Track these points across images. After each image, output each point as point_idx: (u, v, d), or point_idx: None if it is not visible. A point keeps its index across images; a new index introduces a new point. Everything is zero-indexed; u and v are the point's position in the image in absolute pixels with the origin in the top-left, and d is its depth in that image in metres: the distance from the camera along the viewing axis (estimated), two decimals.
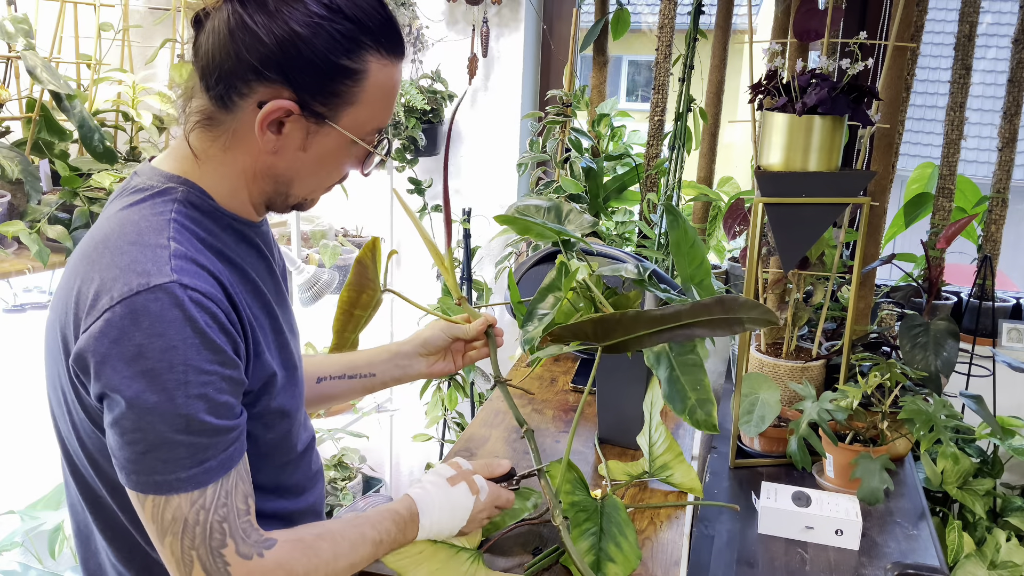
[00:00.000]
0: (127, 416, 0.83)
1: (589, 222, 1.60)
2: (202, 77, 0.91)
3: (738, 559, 1.41)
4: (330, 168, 0.97)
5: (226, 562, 0.86)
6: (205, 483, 0.86)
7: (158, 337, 0.82)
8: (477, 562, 1.09)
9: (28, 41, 1.66)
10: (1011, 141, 2.25)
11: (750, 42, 1.88)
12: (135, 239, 0.87)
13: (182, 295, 0.84)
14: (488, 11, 2.54)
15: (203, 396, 0.84)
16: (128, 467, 0.85)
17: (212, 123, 0.92)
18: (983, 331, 2.22)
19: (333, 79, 0.89)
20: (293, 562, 0.90)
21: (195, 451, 0.84)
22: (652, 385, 1.36)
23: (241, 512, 0.88)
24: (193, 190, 0.93)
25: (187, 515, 0.85)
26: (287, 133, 0.91)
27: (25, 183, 1.66)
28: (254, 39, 0.86)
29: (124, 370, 0.82)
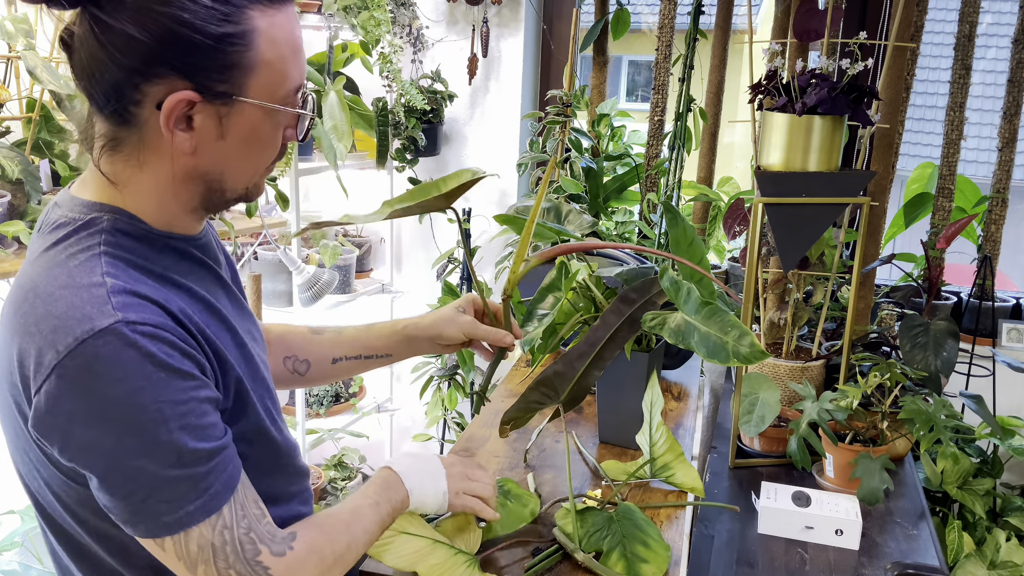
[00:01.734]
0: (114, 471, 0.79)
1: (589, 222, 1.60)
2: (92, 101, 0.84)
3: (738, 559, 1.41)
4: (259, 147, 0.89)
5: (265, 567, 0.87)
6: (218, 506, 0.83)
7: (119, 383, 0.77)
8: (474, 566, 1.09)
9: (28, 41, 1.66)
10: (1011, 141, 2.25)
11: (750, 42, 1.88)
12: (66, 282, 0.80)
13: (132, 333, 0.78)
14: (488, 11, 2.54)
15: (186, 426, 0.80)
16: (133, 519, 0.82)
17: (118, 143, 0.86)
18: (983, 331, 2.22)
19: (222, 51, 0.81)
20: (320, 545, 0.92)
21: (196, 480, 0.82)
22: (652, 385, 1.35)
23: (259, 517, 0.88)
24: (120, 216, 0.86)
25: (213, 540, 0.83)
26: (199, 126, 0.84)
27: (25, 183, 1.66)
28: (126, 39, 0.79)
29: (95, 427, 0.77)
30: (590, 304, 1.44)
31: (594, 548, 1.15)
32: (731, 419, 1.69)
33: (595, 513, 1.21)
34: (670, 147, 2.31)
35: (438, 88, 2.57)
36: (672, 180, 2.30)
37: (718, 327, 1.15)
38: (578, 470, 1.43)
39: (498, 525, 1.20)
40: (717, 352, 1.13)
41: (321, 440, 2.75)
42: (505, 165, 2.65)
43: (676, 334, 1.17)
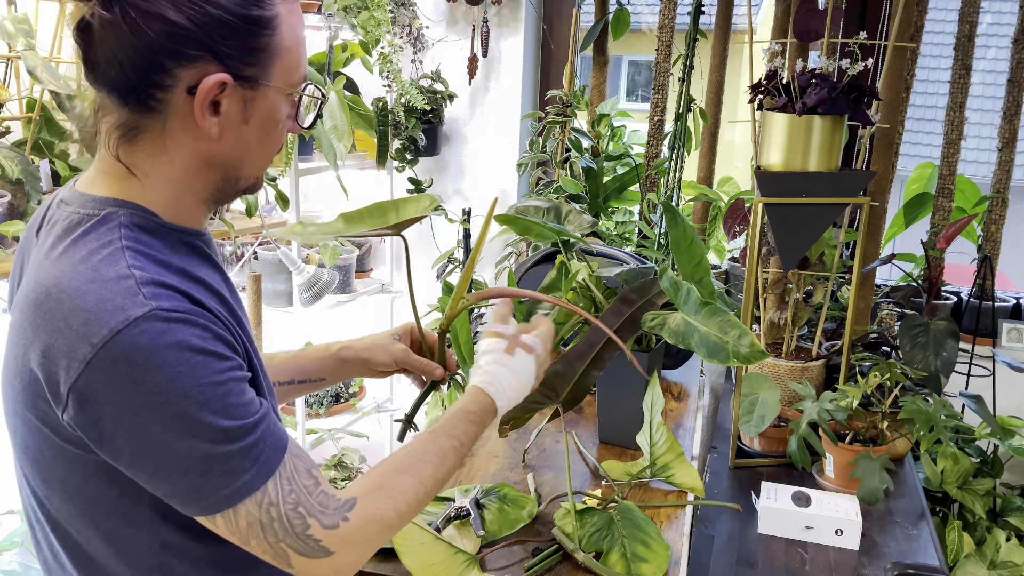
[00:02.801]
0: (165, 456, 0.80)
1: (589, 222, 1.60)
2: (112, 90, 0.84)
3: (738, 559, 1.41)
4: (273, 134, 0.92)
5: (316, 539, 0.86)
6: (272, 469, 0.85)
7: (159, 370, 0.78)
8: (473, 566, 1.09)
9: (28, 41, 1.66)
10: (1011, 141, 2.25)
11: (750, 42, 1.88)
12: (92, 276, 0.81)
13: (166, 321, 0.79)
14: (488, 11, 2.54)
15: (228, 405, 0.82)
16: (194, 497, 0.82)
17: (137, 132, 0.86)
18: (983, 331, 2.22)
19: (253, 34, 0.85)
20: (381, 511, 0.90)
21: (247, 450, 0.83)
22: (652, 385, 1.35)
23: (311, 488, 0.87)
24: (135, 211, 0.87)
25: (260, 517, 0.84)
26: (226, 111, 0.86)
27: (25, 183, 1.66)
28: (162, 23, 0.80)
29: (140, 416, 0.79)
30: (590, 304, 1.44)
31: (594, 548, 1.15)
32: (731, 419, 1.69)
33: (595, 513, 1.21)
34: (670, 147, 2.31)
35: (438, 88, 2.57)
36: (672, 180, 2.30)
37: (718, 327, 1.15)
38: (578, 470, 1.43)
39: (496, 528, 1.20)
40: (717, 352, 1.13)
41: (321, 440, 2.75)
42: (505, 165, 2.65)
43: (676, 334, 1.17)
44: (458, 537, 1.17)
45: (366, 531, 0.89)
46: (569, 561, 1.15)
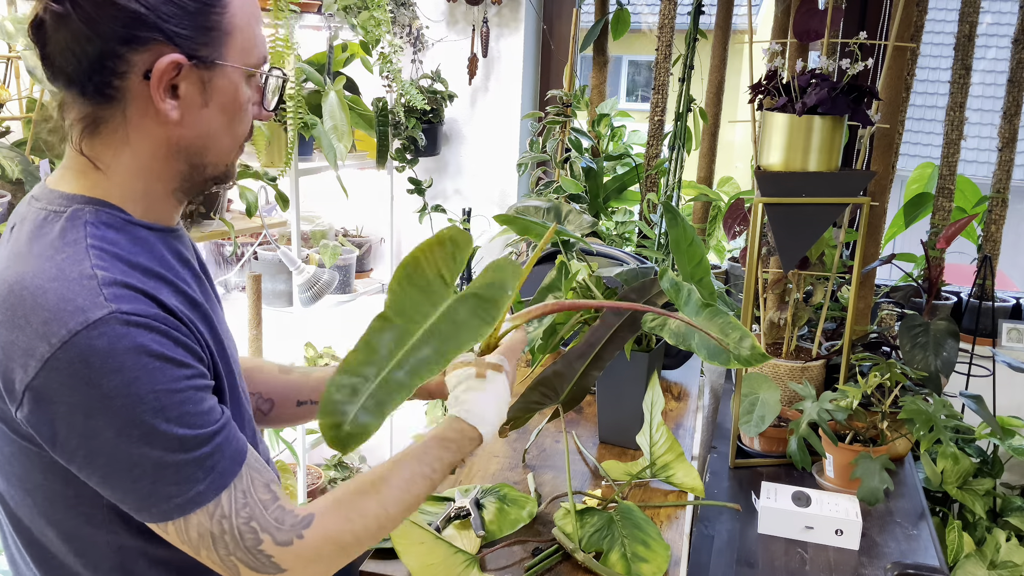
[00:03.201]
0: (117, 462, 0.79)
1: (589, 222, 1.60)
2: (70, 83, 0.85)
3: (738, 559, 1.41)
4: (236, 116, 0.91)
5: (268, 555, 0.85)
6: (227, 482, 0.84)
7: (116, 374, 0.77)
8: (473, 566, 1.09)
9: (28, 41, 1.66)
10: (1011, 141, 2.25)
11: (750, 42, 1.88)
12: (55, 275, 0.80)
13: (126, 324, 0.78)
14: (488, 11, 2.54)
15: (184, 414, 0.81)
16: (141, 504, 0.82)
17: (98, 123, 0.86)
18: (983, 331, 2.22)
19: (203, 13, 0.85)
20: (337, 532, 0.87)
21: (201, 460, 0.82)
22: (652, 385, 1.35)
23: (267, 503, 0.86)
24: (102, 208, 0.86)
25: (211, 529, 0.83)
26: (184, 93, 0.86)
27: (25, 183, 1.66)
28: (111, 9, 0.81)
29: (94, 419, 0.78)
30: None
31: (594, 548, 1.15)
32: (731, 419, 1.69)
33: (595, 513, 1.21)
34: (670, 147, 2.31)
35: (438, 88, 2.57)
36: (672, 180, 2.30)
37: (719, 329, 1.15)
38: (578, 470, 1.43)
39: (496, 528, 1.20)
40: (718, 354, 1.13)
41: (321, 440, 2.75)
42: (505, 165, 2.65)
43: (677, 335, 1.17)
44: (458, 537, 1.17)
45: (321, 551, 0.86)
46: (569, 561, 1.15)
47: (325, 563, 0.87)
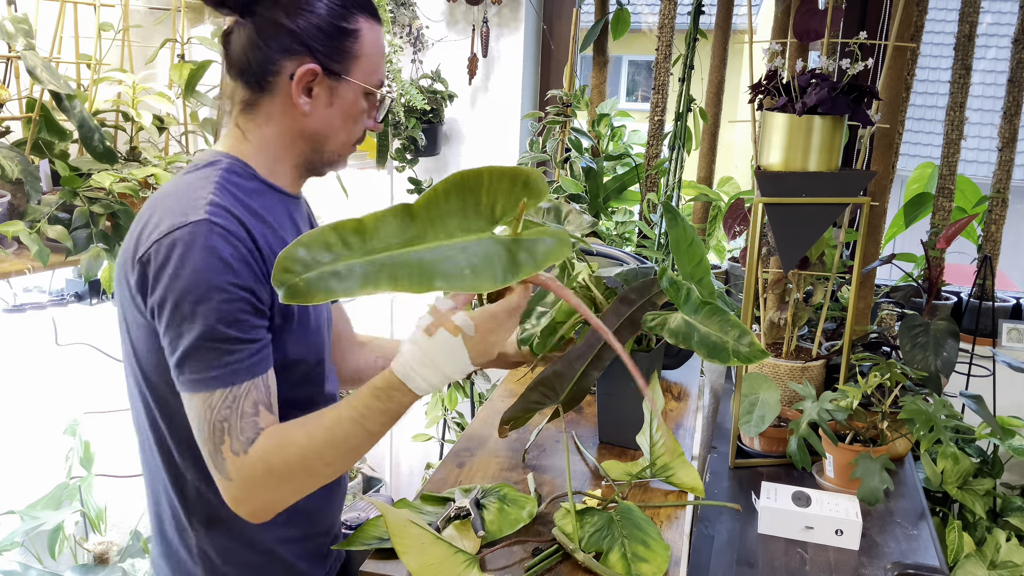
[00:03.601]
0: (170, 325, 1.03)
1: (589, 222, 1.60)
2: (240, 75, 1.14)
3: (738, 559, 1.41)
4: (351, 121, 1.18)
5: (223, 457, 1.02)
6: (235, 381, 1.02)
7: (187, 261, 1.02)
8: (473, 566, 1.09)
9: (28, 41, 1.66)
10: (1011, 141, 2.25)
11: (750, 42, 1.88)
12: (184, 193, 1.08)
13: (209, 229, 1.03)
14: (488, 11, 2.54)
15: (222, 311, 1.02)
16: (175, 366, 1.03)
17: (252, 106, 1.16)
18: (983, 331, 2.22)
19: (339, 39, 1.13)
20: (268, 454, 1.02)
21: (220, 355, 1.02)
22: (652, 384, 1.35)
23: (245, 414, 1.03)
24: (236, 162, 1.15)
25: (202, 413, 1.02)
26: (316, 94, 1.14)
27: (25, 183, 1.66)
28: (277, 28, 1.11)
29: (166, 287, 1.02)
30: (590, 304, 1.44)
31: (594, 548, 1.15)
32: (731, 419, 1.69)
33: (595, 513, 1.21)
34: (670, 147, 2.30)
35: (438, 88, 2.57)
36: (672, 180, 2.30)
37: (718, 327, 1.15)
38: (578, 470, 1.43)
39: (496, 528, 1.20)
40: (718, 352, 1.13)
41: None
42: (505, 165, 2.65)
43: (676, 334, 1.17)
44: (458, 537, 1.17)
45: (254, 469, 1.02)
46: (569, 561, 1.15)
47: (258, 484, 1.02)
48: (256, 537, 1.17)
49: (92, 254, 1.74)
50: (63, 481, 2.21)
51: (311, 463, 1.03)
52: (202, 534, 1.16)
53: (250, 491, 1.02)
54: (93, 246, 1.74)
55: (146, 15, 2.23)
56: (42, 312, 2.13)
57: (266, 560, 1.19)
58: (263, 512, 1.04)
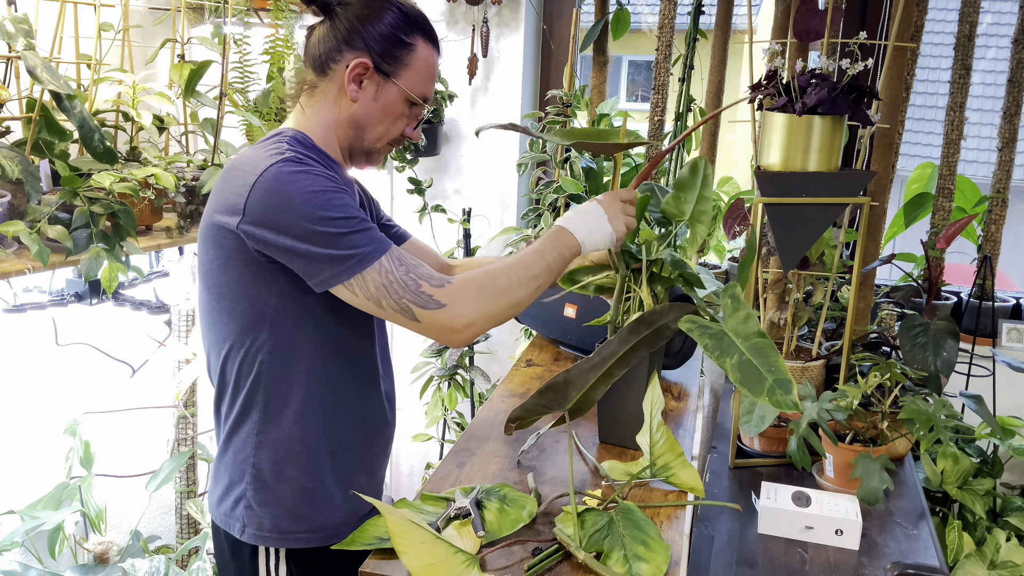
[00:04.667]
0: (309, 240, 1.20)
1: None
2: (311, 60, 1.36)
3: (738, 559, 1.41)
4: (390, 119, 1.37)
5: (428, 295, 1.23)
6: (386, 248, 1.23)
7: (294, 183, 1.22)
8: (473, 566, 1.09)
9: (28, 41, 1.66)
10: (1011, 141, 2.25)
11: (750, 42, 1.88)
12: (261, 152, 1.27)
13: (294, 160, 1.24)
14: (488, 11, 2.54)
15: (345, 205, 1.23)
16: (334, 268, 1.21)
17: (314, 87, 1.37)
18: (983, 331, 2.22)
19: (395, 46, 1.34)
20: (474, 277, 1.26)
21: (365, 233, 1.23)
22: (652, 385, 1.35)
23: (416, 266, 1.24)
24: (299, 133, 1.34)
25: (383, 281, 1.22)
26: (365, 86, 1.34)
27: (25, 183, 1.66)
28: (348, 25, 1.33)
29: (288, 215, 1.20)
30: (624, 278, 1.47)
31: (594, 549, 1.15)
32: (731, 419, 1.69)
33: (595, 514, 1.21)
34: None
35: (438, 88, 2.57)
36: (672, 180, 2.30)
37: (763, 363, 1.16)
38: (578, 470, 1.43)
39: (496, 528, 1.20)
40: (751, 383, 1.14)
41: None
42: (505, 165, 2.65)
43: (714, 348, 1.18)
44: (458, 537, 1.17)
45: (464, 289, 1.24)
46: (569, 561, 1.15)
47: (475, 303, 1.24)
48: (314, 449, 1.37)
49: (92, 254, 1.74)
50: (63, 481, 2.21)
51: (509, 287, 1.27)
52: (261, 454, 1.36)
53: (466, 307, 1.23)
54: (93, 246, 1.74)
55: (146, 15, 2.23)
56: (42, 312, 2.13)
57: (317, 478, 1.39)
58: (476, 326, 1.25)
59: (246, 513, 1.37)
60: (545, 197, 2.35)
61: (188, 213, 2.03)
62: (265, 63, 2.19)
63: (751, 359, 1.17)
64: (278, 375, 1.33)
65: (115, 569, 2.16)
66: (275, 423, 1.35)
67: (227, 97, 2.10)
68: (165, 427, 2.45)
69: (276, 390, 1.34)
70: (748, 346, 1.19)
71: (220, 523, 1.42)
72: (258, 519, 1.37)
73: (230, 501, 1.39)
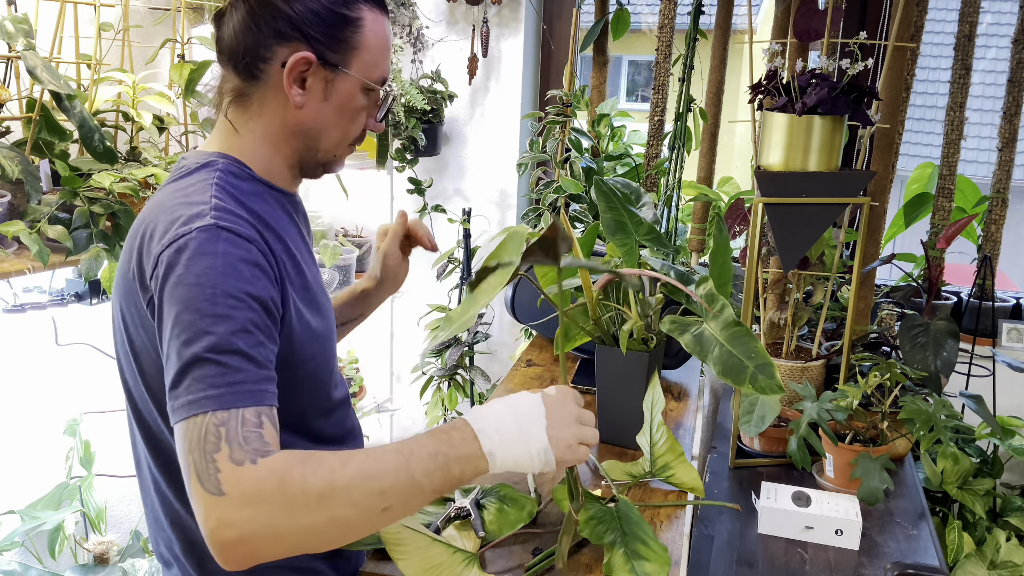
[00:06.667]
0: (172, 338, 0.91)
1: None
2: (230, 60, 1.07)
3: (738, 559, 1.41)
4: (348, 117, 1.10)
5: (217, 468, 0.83)
6: (235, 404, 0.87)
7: (195, 264, 0.92)
8: (473, 565, 1.09)
9: (28, 41, 1.66)
10: (1011, 141, 2.25)
11: (750, 42, 1.88)
12: (183, 200, 1.00)
13: (217, 233, 0.95)
14: (488, 11, 2.54)
15: (232, 320, 0.90)
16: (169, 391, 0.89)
17: (243, 97, 1.08)
18: (983, 331, 2.22)
19: (338, 27, 1.05)
20: (289, 469, 0.84)
21: (224, 372, 0.88)
22: (652, 384, 1.35)
23: (247, 422, 0.86)
24: (232, 162, 1.08)
25: (191, 434, 0.85)
26: (310, 86, 1.06)
27: (25, 183, 1.66)
28: (271, 10, 1.03)
29: (172, 292, 0.92)
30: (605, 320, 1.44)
31: (596, 538, 1.13)
32: (731, 419, 1.69)
33: (597, 502, 1.20)
34: (670, 147, 2.30)
35: (438, 88, 2.57)
36: (672, 180, 2.30)
37: (743, 351, 1.15)
38: (578, 469, 1.43)
39: (496, 528, 1.20)
40: (734, 373, 1.12)
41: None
42: (505, 165, 2.65)
43: (694, 345, 1.17)
44: (458, 537, 1.17)
45: (261, 483, 0.82)
46: (569, 561, 1.15)
47: (261, 506, 0.82)
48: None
49: (92, 254, 1.74)
50: (63, 481, 2.21)
51: (335, 495, 0.84)
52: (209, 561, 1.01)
53: (245, 513, 0.81)
54: (93, 246, 1.74)
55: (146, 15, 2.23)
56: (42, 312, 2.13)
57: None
58: (248, 549, 0.82)
59: None
60: (545, 197, 2.35)
61: None
62: None
63: (730, 349, 1.16)
64: None
65: (115, 569, 2.16)
66: None
67: None
68: None
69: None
70: (726, 336, 1.18)
71: None
72: None
73: None
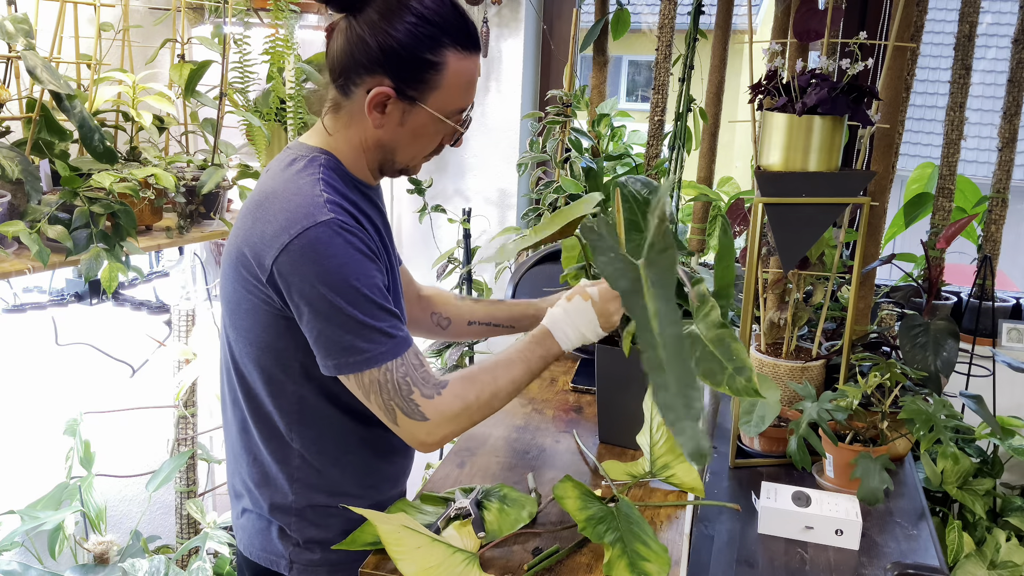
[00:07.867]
0: (331, 319, 1.13)
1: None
2: (331, 73, 1.23)
3: (738, 559, 1.41)
4: (422, 141, 1.25)
5: (416, 404, 1.16)
6: (401, 351, 1.16)
7: (332, 258, 1.12)
8: (472, 564, 1.09)
9: (28, 41, 1.66)
10: (1011, 141, 2.25)
11: (750, 42, 1.88)
12: (296, 191, 1.17)
13: (340, 226, 1.14)
14: (488, 11, 2.54)
15: (375, 295, 1.14)
16: (341, 356, 1.14)
17: (338, 108, 1.24)
18: (983, 331, 2.22)
19: (420, 70, 1.18)
20: (463, 391, 1.20)
21: (382, 333, 1.14)
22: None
23: (416, 367, 1.17)
24: (331, 158, 1.24)
25: (379, 378, 1.15)
26: (389, 112, 1.20)
27: (25, 183, 1.66)
28: (363, 44, 1.17)
29: (315, 285, 1.12)
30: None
31: (596, 538, 1.13)
32: (731, 419, 1.69)
33: (600, 505, 1.20)
34: (670, 147, 2.30)
35: None
36: (672, 180, 2.30)
37: (723, 352, 1.15)
38: (578, 470, 1.43)
39: (496, 528, 1.20)
40: (712, 374, 1.14)
41: None
42: (505, 165, 2.65)
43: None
44: (458, 537, 1.17)
45: (453, 405, 1.18)
46: (569, 561, 1.15)
47: (455, 421, 1.19)
48: (351, 492, 1.30)
49: (92, 254, 1.74)
50: (63, 481, 2.21)
51: (494, 397, 1.22)
52: (302, 495, 1.28)
53: (445, 426, 1.18)
54: (93, 246, 1.74)
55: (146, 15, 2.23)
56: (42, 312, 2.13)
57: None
58: (443, 442, 1.19)
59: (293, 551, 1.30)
60: (545, 197, 2.35)
61: (188, 213, 2.03)
62: (265, 63, 2.19)
63: (712, 350, 1.17)
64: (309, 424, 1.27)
65: (115, 569, 2.16)
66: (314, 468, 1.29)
67: (227, 97, 2.10)
68: (165, 427, 2.45)
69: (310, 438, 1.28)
70: (711, 336, 1.19)
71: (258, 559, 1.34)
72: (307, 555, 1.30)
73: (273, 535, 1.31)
